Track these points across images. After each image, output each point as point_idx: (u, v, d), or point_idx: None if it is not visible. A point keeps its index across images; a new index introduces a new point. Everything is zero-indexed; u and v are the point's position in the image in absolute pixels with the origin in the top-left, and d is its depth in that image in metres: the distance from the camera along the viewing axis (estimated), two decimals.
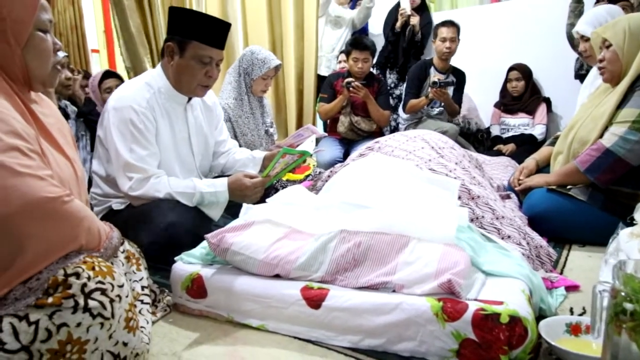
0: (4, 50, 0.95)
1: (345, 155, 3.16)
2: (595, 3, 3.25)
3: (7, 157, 0.85)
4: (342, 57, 3.84)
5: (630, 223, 1.33)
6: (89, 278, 0.86)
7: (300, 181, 2.28)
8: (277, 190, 2.12)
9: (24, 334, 0.79)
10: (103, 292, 0.87)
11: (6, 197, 0.82)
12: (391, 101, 3.71)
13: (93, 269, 0.88)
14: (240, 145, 2.25)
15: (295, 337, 1.13)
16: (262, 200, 1.71)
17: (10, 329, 0.78)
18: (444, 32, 3.29)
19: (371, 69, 3.38)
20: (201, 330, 1.19)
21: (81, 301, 0.83)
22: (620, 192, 1.70)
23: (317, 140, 2.44)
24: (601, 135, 1.73)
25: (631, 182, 1.68)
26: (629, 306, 0.74)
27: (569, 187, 1.78)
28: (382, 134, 3.47)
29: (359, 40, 3.21)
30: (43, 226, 0.86)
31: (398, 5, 3.87)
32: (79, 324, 0.83)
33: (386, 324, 1.04)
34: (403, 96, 3.57)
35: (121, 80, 2.77)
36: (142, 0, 2.92)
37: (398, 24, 3.84)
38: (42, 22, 1.00)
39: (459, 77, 3.46)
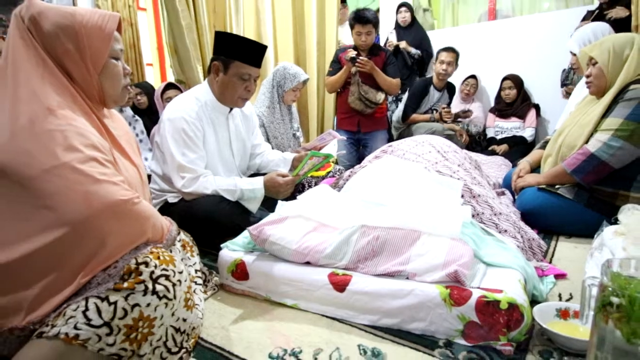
0: (84, 75, 0.98)
1: (360, 158, 3.07)
2: (583, 20, 3.16)
3: (88, 166, 0.87)
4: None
5: (615, 222, 1.30)
6: (155, 266, 0.88)
7: (323, 177, 2.29)
8: (303, 186, 2.14)
9: (105, 312, 0.81)
10: (167, 277, 0.89)
11: (89, 200, 0.85)
12: (388, 114, 3.57)
13: (158, 258, 0.90)
14: (272, 148, 2.26)
15: (323, 315, 1.14)
16: (292, 195, 1.73)
17: (95, 307, 0.81)
18: (444, 56, 3.29)
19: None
20: (244, 307, 1.21)
21: (150, 286, 0.86)
22: (602, 191, 1.67)
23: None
24: (587, 141, 1.69)
25: (612, 182, 1.64)
26: (615, 300, 0.73)
27: (557, 186, 1.75)
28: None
29: (361, 14, 2.85)
30: (119, 224, 0.88)
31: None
32: (148, 304, 0.85)
33: (401, 306, 1.05)
34: (403, 106, 3.43)
35: (180, 90, 2.75)
36: (197, 22, 2.93)
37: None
38: (115, 51, 1.02)
39: (450, 90, 3.53)
